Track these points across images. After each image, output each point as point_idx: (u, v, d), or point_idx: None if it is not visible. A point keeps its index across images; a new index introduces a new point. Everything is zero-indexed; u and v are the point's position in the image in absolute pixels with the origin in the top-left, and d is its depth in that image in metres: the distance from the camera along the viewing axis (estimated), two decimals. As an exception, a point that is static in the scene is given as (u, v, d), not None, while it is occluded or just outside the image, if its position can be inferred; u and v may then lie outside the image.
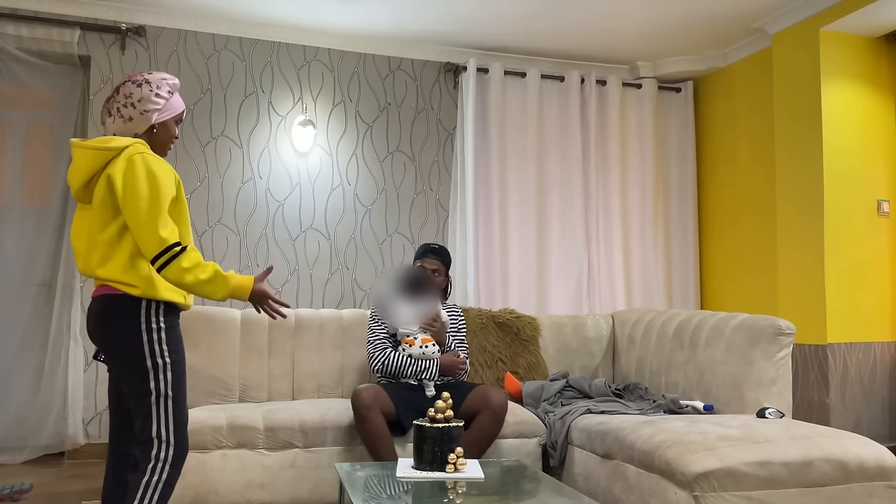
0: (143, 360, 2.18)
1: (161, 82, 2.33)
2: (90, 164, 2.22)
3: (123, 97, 2.30)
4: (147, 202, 2.15)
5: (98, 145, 2.22)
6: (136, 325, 2.18)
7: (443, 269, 3.54)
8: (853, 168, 4.39)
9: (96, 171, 2.22)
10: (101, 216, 2.20)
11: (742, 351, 3.16)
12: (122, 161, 2.20)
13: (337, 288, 5.01)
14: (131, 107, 2.29)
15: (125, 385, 2.21)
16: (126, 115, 2.29)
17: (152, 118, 2.32)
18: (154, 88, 2.31)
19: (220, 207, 4.83)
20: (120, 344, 2.19)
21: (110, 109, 2.31)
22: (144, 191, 2.15)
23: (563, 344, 4.01)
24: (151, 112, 2.30)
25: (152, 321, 2.20)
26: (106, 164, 2.21)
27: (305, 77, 5.03)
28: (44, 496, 3.61)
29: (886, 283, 4.42)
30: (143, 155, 2.21)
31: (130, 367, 2.18)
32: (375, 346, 3.36)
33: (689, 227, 5.56)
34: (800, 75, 4.50)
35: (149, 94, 2.30)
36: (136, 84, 2.31)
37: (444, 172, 5.28)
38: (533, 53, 5.38)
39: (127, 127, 2.30)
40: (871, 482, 2.50)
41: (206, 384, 3.48)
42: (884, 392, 4.36)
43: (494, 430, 3.10)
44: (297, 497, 3.05)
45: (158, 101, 2.31)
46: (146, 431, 2.17)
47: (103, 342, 2.22)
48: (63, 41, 4.48)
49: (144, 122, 2.31)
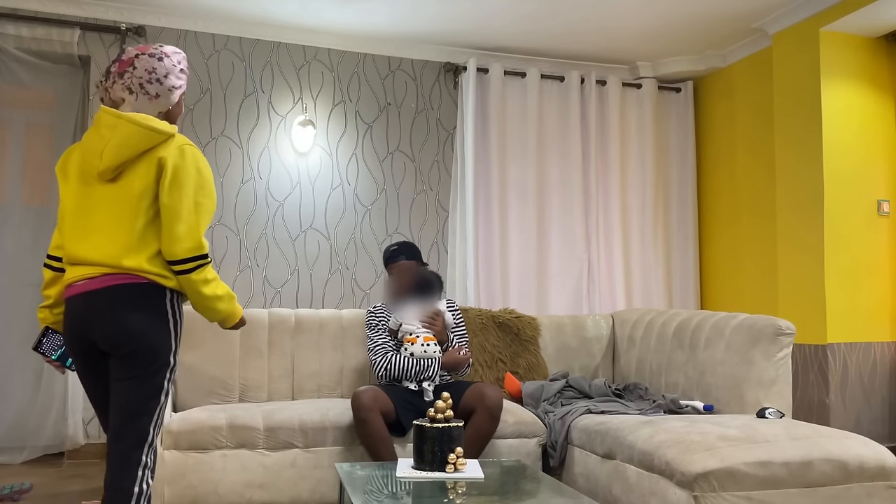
0: (169, 355, 2.07)
1: (177, 56, 2.19)
2: (139, 142, 2.03)
3: (146, 72, 2.12)
4: (194, 200, 2.05)
5: (147, 123, 2.04)
6: (164, 317, 2.07)
7: (412, 263, 3.47)
8: (853, 168, 4.39)
9: (142, 151, 2.04)
10: (140, 201, 2.04)
11: (742, 351, 3.16)
12: (174, 148, 2.06)
13: (337, 288, 5.01)
14: (157, 83, 2.13)
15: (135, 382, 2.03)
16: (153, 93, 2.12)
17: (177, 96, 2.18)
18: (176, 64, 2.17)
19: (219, 207, 4.83)
20: (147, 338, 2.03)
21: (130, 86, 2.12)
22: (193, 188, 2.05)
23: (563, 344, 4.01)
24: (177, 89, 2.17)
25: (177, 312, 2.12)
26: (154, 146, 2.06)
27: (305, 77, 5.03)
28: (44, 496, 3.61)
29: (886, 283, 4.42)
30: (194, 149, 2.10)
31: (155, 363, 2.04)
32: (376, 351, 3.35)
33: (689, 226, 5.56)
34: (800, 75, 4.50)
35: (173, 68, 2.15)
36: (155, 58, 2.13)
37: (444, 172, 5.28)
38: (533, 53, 5.38)
39: (152, 105, 2.13)
40: (871, 482, 2.50)
41: (206, 384, 3.47)
42: (884, 392, 4.36)
43: (491, 428, 3.09)
44: (297, 497, 3.05)
45: (182, 77, 2.18)
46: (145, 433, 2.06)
47: (123, 335, 2.01)
48: (63, 41, 4.48)
49: (170, 100, 2.16)
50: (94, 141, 2.07)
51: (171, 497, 2.95)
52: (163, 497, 2.95)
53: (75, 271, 2.09)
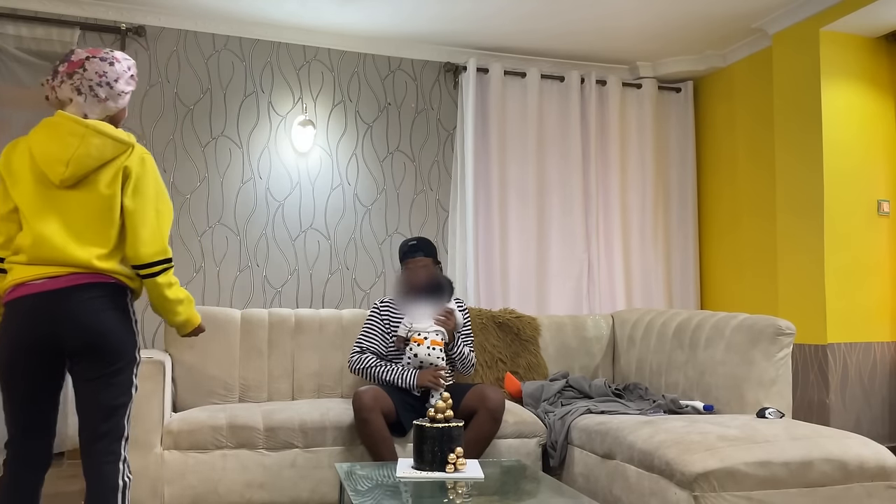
0: (135, 351, 2.17)
1: (127, 62, 2.24)
2: (106, 153, 2.10)
3: (96, 75, 2.16)
4: (155, 207, 2.14)
5: (113, 134, 2.12)
6: (129, 316, 2.17)
7: (430, 261, 3.43)
8: (853, 168, 4.39)
9: (108, 160, 2.12)
10: (109, 208, 2.10)
11: (742, 351, 3.16)
12: (136, 157, 2.14)
13: (337, 288, 5.01)
14: (107, 86, 2.17)
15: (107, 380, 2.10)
16: (102, 95, 2.17)
17: (125, 101, 2.24)
18: (127, 69, 2.22)
19: (219, 207, 4.83)
20: (117, 336, 2.10)
21: (79, 87, 2.16)
22: (153, 195, 2.15)
23: (563, 344, 4.01)
24: (126, 94, 2.23)
25: (135, 311, 2.22)
26: (118, 155, 2.13)
27: (305, 77, 5.03)
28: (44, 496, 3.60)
29: (886, 283, 4.42)
30: (152, 159, 2.20)
31: (123, 359, 2.12)
32: (362, 346, 3.37)
33: (689, 226, 5.56)
34: (800, 75, 4.50)
35: (124, 73, 2.21)
36: (106, 62, 2.18)
37: (444, 172, 5.28)
38: (533, 53, 5.38)
39: (100, 108, 2.18)
40: (871, 482, 2.50)
41: (206, 384, 3.47)
42: (884, 392, 4.36)
43: (492, 430, 3.09)
44: (297, 497, 3.05)
45: (132, 83, 2.24)
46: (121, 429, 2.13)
47: (96, 334, 2.07)
48: (63, 41, 4.48)
49: (117, 104, 2.21)
50: (55, 148, 2.09)
51: (171, 497, 2.95)
52: (163, 497, 2.95)
53: (29, 271, 2.09)
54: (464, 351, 3.36)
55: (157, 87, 4.75)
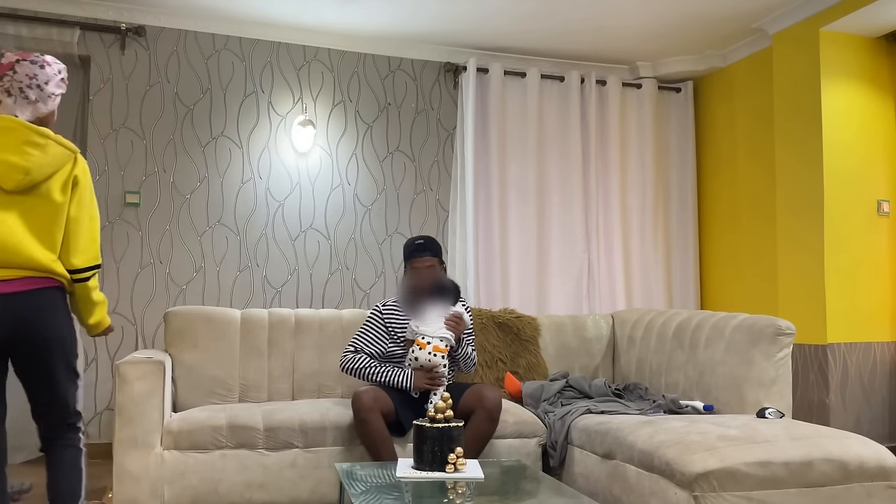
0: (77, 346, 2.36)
1: (58, 66, 2.28)
2: (62, 162, 2.20)
3: (26, 77, 2.19)
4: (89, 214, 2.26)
5: (68, 143, 2.21)
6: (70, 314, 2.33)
7: (436, 261, 3.39)
8: (853, 168, 4.39)
9: (59, 168, 2.21)
10: (61, 216, 2.21)
11: (742, 351, 3.16)
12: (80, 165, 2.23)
13: (337, 288, 5.01)
14: (37, 88, 2.21)
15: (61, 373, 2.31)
16: (32, 97, 2.21)
17: (55, 103, 2.28)
18: (57, 73, 2.26)
19: (219, 207, 4.83)
20: (66, 334, 2.28)
21: (9, 89, 2.19)
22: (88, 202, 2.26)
23: (563, 344, 4.01)
24: (56, 97, 2.27)
25: None
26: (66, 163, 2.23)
27: (305, 77, 5.03)
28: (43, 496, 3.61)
29: (886, 283, 4.42)
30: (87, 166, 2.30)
31: (72, 353, 2.31)
32: (356, 347, 3.34)
33: (689, 226, 5.57)
34: (800, 75, 4.50)
35: (54, 76, 2.24)
36: (37, 65, 2.22)
37: (443, 172, 5.28)
38: (533, 53, 5.38)
39: (29, 110, 2.21)
40: (871, 482, 2.50)
41: (206, 384, 3.47)
42: (884, 392, 4.36)
43: (490, 430, 3.08)
44: (297, 497, 3.05)
45: (62, 86, 2.28)
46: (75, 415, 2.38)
47: (54, 332, 2.25)
48: (63, 41, 4.48)
49: (48, 107, 2.26)
50: (12, 157, 2.13)
51: (171, 497, 2.95)
52: (163, 497, 2.95)
53: None
54: (467, 350, 3.36)
55: (157, 87, 4.75)
